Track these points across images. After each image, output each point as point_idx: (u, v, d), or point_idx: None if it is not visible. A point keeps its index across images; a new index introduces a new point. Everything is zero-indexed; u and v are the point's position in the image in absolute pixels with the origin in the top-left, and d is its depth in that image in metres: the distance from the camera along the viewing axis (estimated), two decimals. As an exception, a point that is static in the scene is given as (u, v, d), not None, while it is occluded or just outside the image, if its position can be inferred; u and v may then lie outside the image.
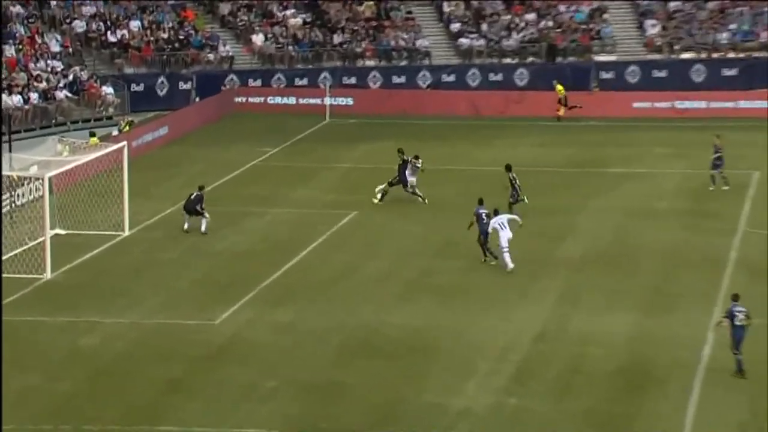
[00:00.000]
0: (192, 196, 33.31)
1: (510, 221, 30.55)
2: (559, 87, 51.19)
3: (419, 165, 36.82)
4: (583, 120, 49.93)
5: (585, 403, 22.54)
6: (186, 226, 33.24)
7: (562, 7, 59.30)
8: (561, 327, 26.58)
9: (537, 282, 29.55)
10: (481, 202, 30.80)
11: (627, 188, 39.43)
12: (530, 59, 57.03)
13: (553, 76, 55.93)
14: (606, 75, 56.35)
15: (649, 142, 46.54)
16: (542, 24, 58.35)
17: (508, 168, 34.92)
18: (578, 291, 29.10)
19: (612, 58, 57.68)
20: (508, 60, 57.05)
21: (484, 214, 30.51)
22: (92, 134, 42.39)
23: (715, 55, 56.89)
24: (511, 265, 29.91)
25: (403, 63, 56.60)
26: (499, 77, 56.15)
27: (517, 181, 34.70)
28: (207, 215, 32.93)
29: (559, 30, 58.19)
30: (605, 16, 59.16)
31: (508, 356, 24.74)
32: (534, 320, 26.82)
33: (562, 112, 50.64)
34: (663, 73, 56.41)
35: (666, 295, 28.71)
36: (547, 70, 56.26)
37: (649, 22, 58.71)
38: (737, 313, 23.39)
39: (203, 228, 32.96)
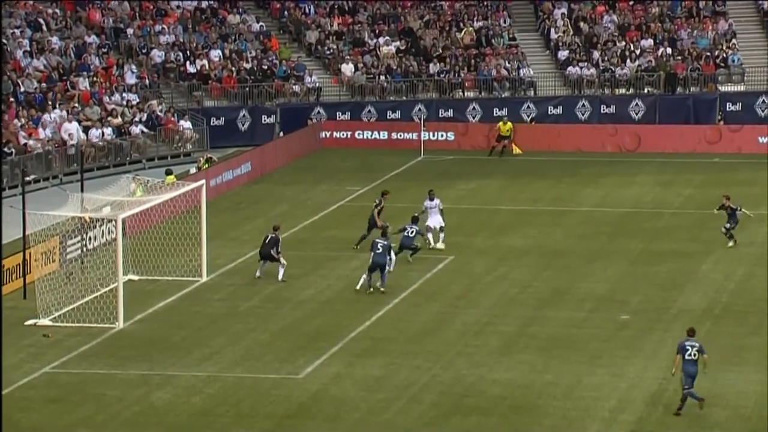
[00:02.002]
0: (267, 239, 33.57)
1: None
2: (508, 125, 51.02)
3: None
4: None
5: (707, 471, 22.26)
6: (258, 273, 33.52)
7: (683, 33, 58.99)
8: (680, 385, 26.26)
9: (653, 335, 29.33)
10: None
11: (756, 232, 38.92)
12: (647, 90, 56.78)
13: (674, 108, 55.62)
14: (732, 107, 55.83)
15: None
16: (660, 51, 58.10)
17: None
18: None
19: (740, 88, 57.14)
20: (622, 91, 56.88)
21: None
22: (169, 172, 43.23)
23: None
24: None
25: (506, 94, 56.78)
26: (612, 109, 55.99)
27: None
28: (284, 261, 33.16)
29: (679, 58, 57.88)
30: (733, 41, 58.67)
31: (620, 417, 24.56)
32: (649, 378, 26.59)
33: (516, 149, 50.61)
34: (795, 106, 55.72)
35: (799, 351, 28.21)
36: (666, 101, 55.93)
37: (781, 48, 58.08)
38: (688, 347, 24.38)
39: (281, 275, 33.19)
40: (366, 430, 24.06)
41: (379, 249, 31.85)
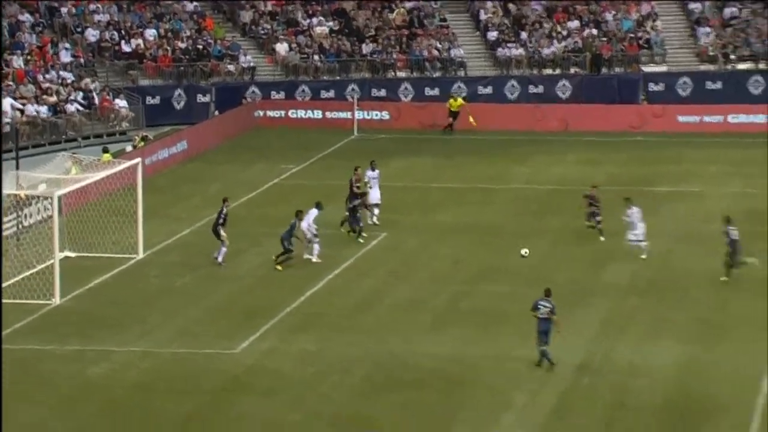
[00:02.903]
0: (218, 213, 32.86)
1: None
2: (459, 101, 51.53)
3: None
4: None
5: (630, 440, 22.58)
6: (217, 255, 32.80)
7: (608, 15, 59.43)
8: (604, 357, 26.64)
9: (579, 309, 29.62)
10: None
11: (676, 209, 39.42)
12: (573, 70, 57.19)
13: (598, 87, 56.13)
14: (655, 87, 56.43)
15: (700, 159, 46.53)
16: (586, 32, 58.50)
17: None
18: (623, 319, 29.15)
19: (662, 68, 57.74)
20: (549, 71, 57.25)
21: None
22: (105, 150, 42.85)
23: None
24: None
25: (437, 74, 56.88)
26: (540, 89, 56.34)
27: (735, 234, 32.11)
28: (227, 242, 32.76)
29: (604, 39, 58.32)
30: (655, 23, 59.22)
31: (547, 389, 24.82)
32: (575, 350, 26.88)
33: (472, 122, 51.04)
34: (717, 85, 56.40)
35: (718, 324, 28.70)
36: (591, 81, 56.40)
37: (702, 30, 58.71)
38: (540, 306, 25.51)
39: (220, 258, 32.77)
40: (300, 404, 24.10)
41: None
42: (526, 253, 31.15)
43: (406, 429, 22.97)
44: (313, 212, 33.07)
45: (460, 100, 51.95)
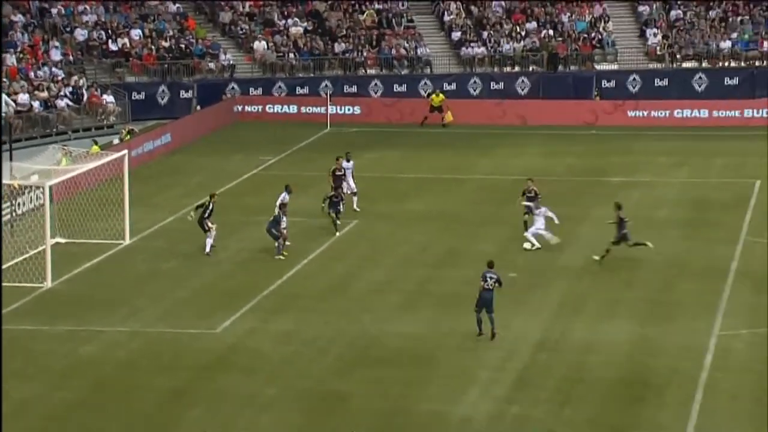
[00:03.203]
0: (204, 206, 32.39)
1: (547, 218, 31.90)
2: (440, 97, 51.43)
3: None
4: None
5: (586, 412, 22.68)
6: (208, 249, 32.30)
7: (563, 17, 59.56)
8: (561, 336, 26.73)
9: (537, 291, 29.72)
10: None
11: (628, 197, 39.57)
12: (532, 68, 57.28)
13: (555, 84, 56.27)
14: (607, 84, 56.59)
15: (650, 151, 46.73)
16: (543, 33, 58.59)
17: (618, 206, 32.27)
18: (578, 300, 29.26)
19: (613, 67, 57.91)
20: (509, 69, 57.29)
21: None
22: (94, 142, 42.57)
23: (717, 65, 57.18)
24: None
25: (405, 72, 56.81)
26: (501, 86, 56.38)
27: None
28: (213, 233, 32.32)
29: (560, 39, 58.43)
30: (607, 25, 59.40)
31: (508, 365, 24.90)
32: (534, 329, 26.98)
33: (449, 117, 50.96)
34: (664, 82, 56.65)
35: (666, 304, 28.85)
36: (548, 78, 56.52)
37: (650, 31, 58.94)
38: (488, 278, 25.80)
39: (207, 249, 32.32)
40: (279, 380, 24.07)
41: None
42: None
43: (378, 403, 22.98)
44: (284, 196, 32.99)
45: (441, 96, 51.97)
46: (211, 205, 32.62)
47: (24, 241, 31.82)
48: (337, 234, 33.93)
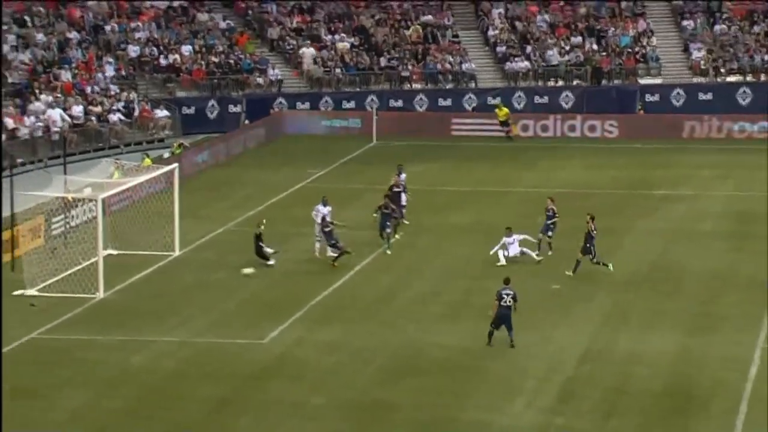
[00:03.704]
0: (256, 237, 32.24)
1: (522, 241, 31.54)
2: (504, 111, 51.47)
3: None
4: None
5: (630, 424, 22.45)
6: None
7: (608, 31, 59.27)
8: (606, 347, 26.50)
9: (581, 302, 29.51)
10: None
11: (673, 210, 39.25)
12: (576, 82, 56.99)
13: (599, 98, 55.95)
14: (651, 98, 56.20)
15: (695, 164, 46.32)
16: (587, 47, 58.34)
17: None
18: (623, 312, 29.01)
19: (657, 81, 57.51)
20: (553, 83, 57.06)
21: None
22: (146, 155, 42.94)
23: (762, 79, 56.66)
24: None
25: (449, 86, 56.77)
26: (545, 100, 56.15)
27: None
28: (272, 255, 32.16)
29: (604, 53, 58.14)
30: (651, 39, 59.05)
31: (553, 376, 24.71)
32: (578, 340, 26.77)
33: (515, 130, 51.05)
34: (708, 96, 56.16)
35: (710, 316, 28.53)
36: (592, 92, 56.22)
37: (694, 46, 58.51)
38: (504, 296, 25.67)
39: (272, 261, 32.34)
40: (325, 389, 24.04)
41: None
42: (249, 272, 30.52)
43: (422, 413, 22.88)
44: (320, 208, 32.93)
45: (505, 110, 51.95)
46: (260, 234, 32.39)
47: (77, 252, 32.04)
48: (388, 252, 33.43)
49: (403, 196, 36.63)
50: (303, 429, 22.23)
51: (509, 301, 25.82)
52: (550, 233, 32.70)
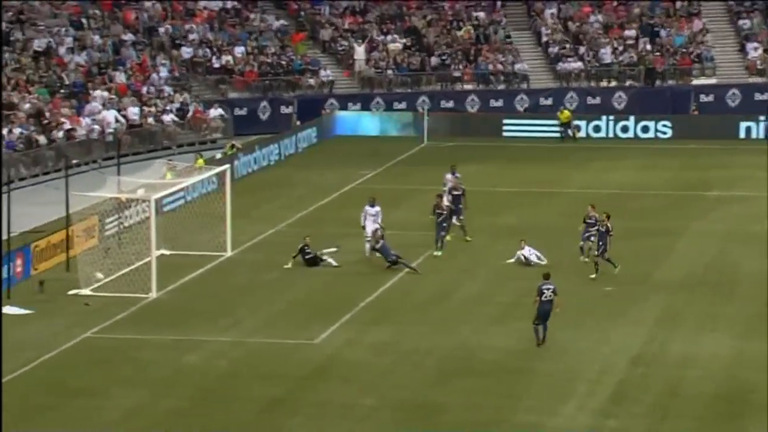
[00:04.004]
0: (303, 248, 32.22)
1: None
2: (565, 113, 51.26)
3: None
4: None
5: (684, 427, 22.24)
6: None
7: (662, 31, 58.76)
8: (659, 349, 26.27)
9: (635, 304, 29.27)
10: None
11: (727, 211, 38.82)
12: (629, 83, 56.56)
13: (652, 99, 55.50)
14: (706, 98, 55.62)
15: (750, 165, 45.77)
16: (641, 47, 57.87)
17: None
18: (676, 314, 28.74)
19: (712, 81, 56.90)
20: (605, 83, 56.65)
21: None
22: (200, 156, 43.27)
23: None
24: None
25: (501, 87, 56.58)
26: (597, 100, 55.79)
27: None
28: (329, 258, 32.32)
29: (658, 53, 57.64)
30: (706, 38, 58.41)
31: (606, 378, 24.53)
32: (631, 342, 26.56)
33: (575, 133, 50.88)
34: (765, 96, 55.46)
35: (765, 319, 28.14)
36: (645, 93, 55.77)
37: (751, 45, 57.78)
38: (545, 290, 25.76)
39: (333, 262, 32.55)
40: (376, 390, 24.05)
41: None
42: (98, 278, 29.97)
43: (474, 415, 22.82)
44: (367, 209, 32.87)
45: (567, 113, 51.76)
46: (305, 246, 32.45)
47: (131, 252, 32.30)
48: (439, 253, 33.26)
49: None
50: (353, 430, 22.25)
51: (550, 296, 25.90)
52: (592, 239, 32.19)
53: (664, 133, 52.12)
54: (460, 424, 22.35)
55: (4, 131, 43.85)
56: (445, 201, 35.20)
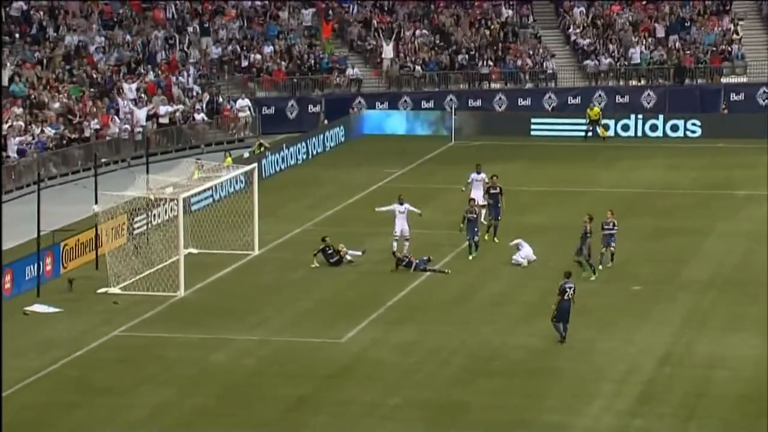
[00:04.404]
0: (325, 251, 32.37)
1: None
2: (595, 110, 50.97)
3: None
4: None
5: (711, 428, 22.19)
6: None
7: (692, 29, 58.46)
8: (686, 349, 26.20)
9: (661, 304, 29.19)
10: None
11: (756, 211, 38.59)
12: (658, 81, 56.30)
13: (681, 97, 55.21)
14: (736, 97, 55.27)
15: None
16: (670, 45, 57.59)
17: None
18: (704, 314, 28.63)
19: (742, 80, 56.54)
20: (635, 82, 56.44)
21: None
22: (228, 154, 43.45)
23: None
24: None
25: (529, 86, 56.47)
26: (626, 99, 55.59)
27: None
28: (348, 255, 32.43)
29: (687, 52, 57.34)
30: (736, 37, 58.06)
31: (632, 378, 24.48)
32: (658, 342, 26.49)
33: (603, 132, 50.55)
34: (796, 95, 55.11)
35: (794, 319, 28.00)
36: (674, 91, 55.49)
37: (782, 42, 57.44)
38: (567, 289, 25.95)
39: (352, 256, 32.61)
40: (401, 390, 24.13)
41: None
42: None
43: (499, 414, 22.85)
44: (396, 206, 32.74)
45: (596, 109, 51.61)
46: (326, 247, 32.56)
47: (159, 251, 32.48)
48: (471, 257, 33.00)
49: (479, 195, 36.22)
50: (378, 428, 22.34)
51: (571, 294, 25.96)
52: (613, 245, 31.96)
53: (694, 132, 51.84)
54: (485, 424, 22.38)
55: (36, 130, 44.22)
56: (480, 200, 34.99)
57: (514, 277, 31.63)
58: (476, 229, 33.50)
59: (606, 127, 51.40)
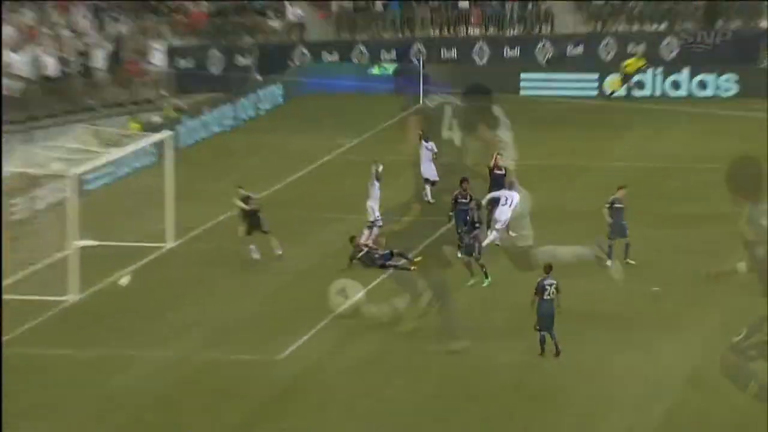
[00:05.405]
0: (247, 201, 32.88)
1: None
2: (642, 60, 51.92)
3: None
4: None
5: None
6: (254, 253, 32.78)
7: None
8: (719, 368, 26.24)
9: (689, 309, 29.30)
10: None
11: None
12: (682, 25, 56.42)
13: (712, 46, 55.37)
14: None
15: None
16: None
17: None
18: (741, 321, 28.66)
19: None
20: (652, 26, 56.58)
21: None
22: (133, 120, 43.38)
23: None
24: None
25: (516, 32, 56.49)
26: (641, 48, 55.73)
27: None
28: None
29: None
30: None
31: (653, 406, 24.51)
32: (685, 359, 26.52)
33: (617, 83, 51.67)
34: None
35: None
36: (703, 38, 55.68)
37: None
38: (547, 287, 26.08)
39: (278, 250, 32.69)
40: (358, 417, 24.02)
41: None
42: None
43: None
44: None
45: (643, 60, 51.87)
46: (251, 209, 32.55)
47: (44, 243, 32.25)
48: (486, 282, 31.64)
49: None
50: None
51: (552, 293, 26.13)
52: (627, 233, 32.03)
53: (728, 89, 52.26)
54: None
55: None
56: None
57: (501, 274, 31.52)
58: (475, 222, 32.44)
59: (628, 72, 51.40)
